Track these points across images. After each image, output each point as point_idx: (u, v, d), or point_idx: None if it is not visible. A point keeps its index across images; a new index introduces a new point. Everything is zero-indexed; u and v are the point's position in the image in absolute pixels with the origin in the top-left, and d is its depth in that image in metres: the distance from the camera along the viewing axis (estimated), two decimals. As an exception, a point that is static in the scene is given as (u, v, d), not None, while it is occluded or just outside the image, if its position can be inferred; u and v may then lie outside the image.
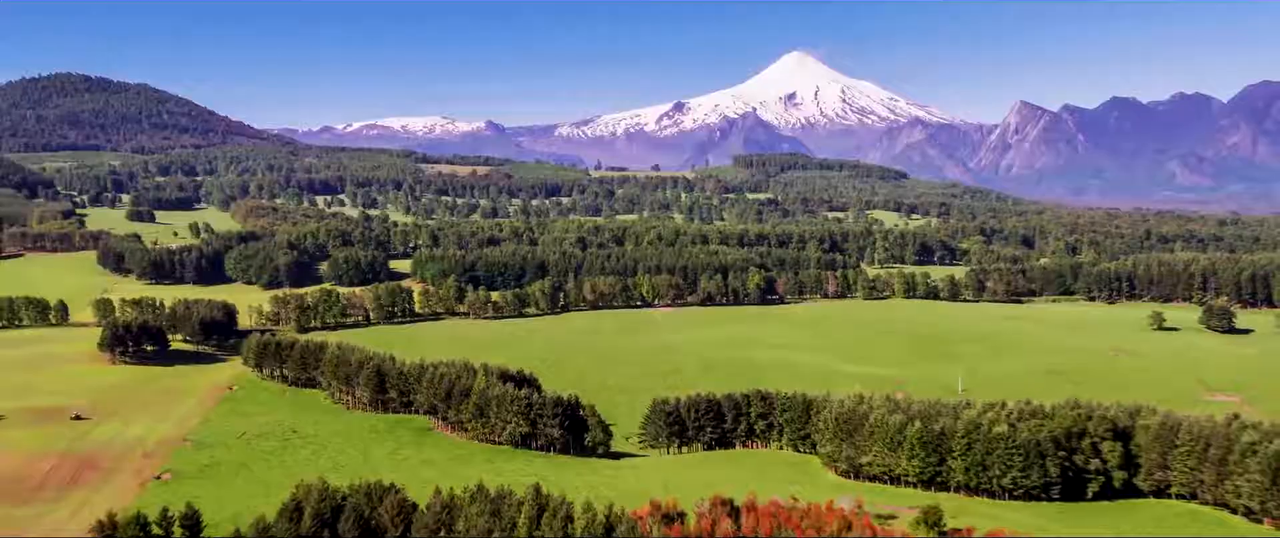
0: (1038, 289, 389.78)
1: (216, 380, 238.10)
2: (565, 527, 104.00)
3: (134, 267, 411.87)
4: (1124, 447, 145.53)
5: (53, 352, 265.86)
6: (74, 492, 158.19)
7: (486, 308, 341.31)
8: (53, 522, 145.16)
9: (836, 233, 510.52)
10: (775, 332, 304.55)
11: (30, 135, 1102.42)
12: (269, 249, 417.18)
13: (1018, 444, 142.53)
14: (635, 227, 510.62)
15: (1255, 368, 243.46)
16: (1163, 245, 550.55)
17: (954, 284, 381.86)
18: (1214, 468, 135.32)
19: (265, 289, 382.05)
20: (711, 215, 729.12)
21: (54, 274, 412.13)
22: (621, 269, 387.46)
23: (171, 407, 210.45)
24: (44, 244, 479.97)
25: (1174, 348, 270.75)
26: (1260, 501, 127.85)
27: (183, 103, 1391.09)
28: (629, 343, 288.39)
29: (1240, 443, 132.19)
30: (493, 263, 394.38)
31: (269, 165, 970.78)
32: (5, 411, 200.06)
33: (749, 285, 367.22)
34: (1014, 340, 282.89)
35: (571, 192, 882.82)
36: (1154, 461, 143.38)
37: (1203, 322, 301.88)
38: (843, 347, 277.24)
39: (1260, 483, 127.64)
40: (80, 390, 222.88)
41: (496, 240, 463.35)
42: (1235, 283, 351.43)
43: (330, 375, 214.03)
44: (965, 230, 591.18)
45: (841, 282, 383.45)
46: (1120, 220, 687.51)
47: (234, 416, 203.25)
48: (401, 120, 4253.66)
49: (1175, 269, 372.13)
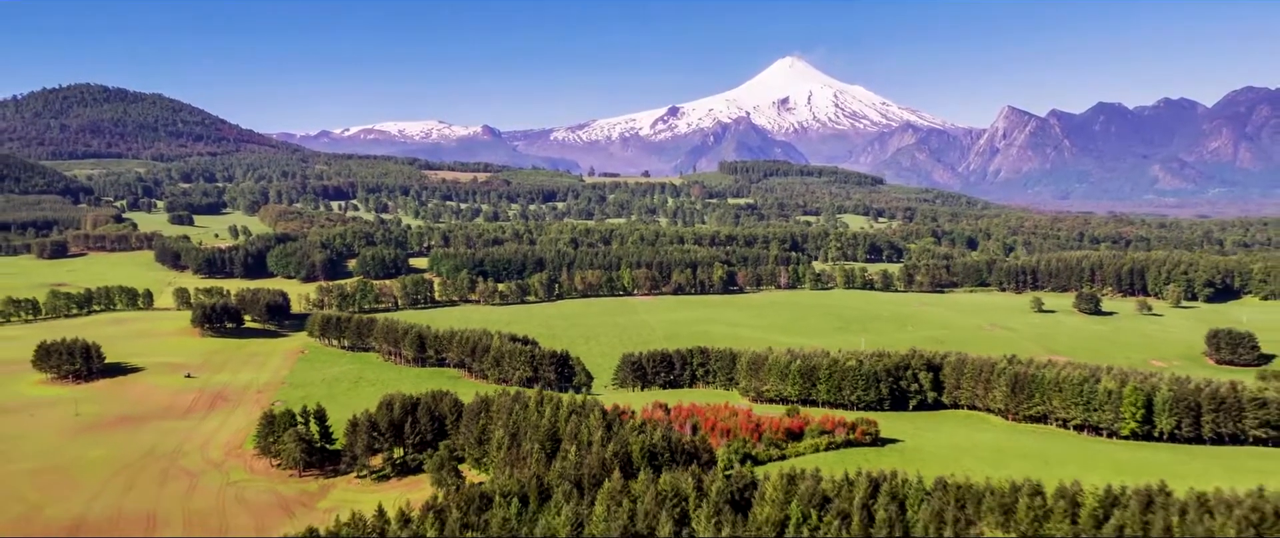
0: (959, 281, 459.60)
1: (289, 347, 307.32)
2: (554, 410, 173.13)
3: (189, 263, 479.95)
4: (935, 376, 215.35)
5: (153, 328, 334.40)
6: (215, 413, 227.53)
7: (494, 296, 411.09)
8: (209, 428, 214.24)
9: (798, 234, 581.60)
10: (730, 314, 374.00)
11: (56, 144, 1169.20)
12: (305, 248, 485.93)
13: (862, 373, 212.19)
14: (621, 229, 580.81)
15: (1093, 338, 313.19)
16: (1092, 245, 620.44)
17: (887, 277, 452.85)
18: (984, 387, 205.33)
19: (303, 282, 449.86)
20: (694, 219, 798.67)
21: (120, 269, 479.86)
22: (607, 264, 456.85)
23: (263, 364, 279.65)
24: (103, 244, 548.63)
25: (1040, 324, 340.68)
26: (1004, 404, 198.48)
27: (196, 112, 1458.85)
28: (610, 321, 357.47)
29: (996, 370, 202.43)
30: (498, 259, 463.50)
31: (283, 172, 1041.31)
32: (144, 365, 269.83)
33: (714, 278, 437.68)
34: (918, 319, 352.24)
35: (566, 197, 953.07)
36: (952, 384, 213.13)
37: (1075, 306, 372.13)
38: (781, 324, 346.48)
39: (1006, 392, 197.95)
40: (186, 354, 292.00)
41: (500, 241, 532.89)
42: (1116, 276, 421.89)
43: (381, 340, 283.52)
44: (918, 232, 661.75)
45: (792, 275, 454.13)
46: (1065, 223, 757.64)
47: (311, 369, 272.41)
48: (398, 125, 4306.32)
49: (1070, 264, 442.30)
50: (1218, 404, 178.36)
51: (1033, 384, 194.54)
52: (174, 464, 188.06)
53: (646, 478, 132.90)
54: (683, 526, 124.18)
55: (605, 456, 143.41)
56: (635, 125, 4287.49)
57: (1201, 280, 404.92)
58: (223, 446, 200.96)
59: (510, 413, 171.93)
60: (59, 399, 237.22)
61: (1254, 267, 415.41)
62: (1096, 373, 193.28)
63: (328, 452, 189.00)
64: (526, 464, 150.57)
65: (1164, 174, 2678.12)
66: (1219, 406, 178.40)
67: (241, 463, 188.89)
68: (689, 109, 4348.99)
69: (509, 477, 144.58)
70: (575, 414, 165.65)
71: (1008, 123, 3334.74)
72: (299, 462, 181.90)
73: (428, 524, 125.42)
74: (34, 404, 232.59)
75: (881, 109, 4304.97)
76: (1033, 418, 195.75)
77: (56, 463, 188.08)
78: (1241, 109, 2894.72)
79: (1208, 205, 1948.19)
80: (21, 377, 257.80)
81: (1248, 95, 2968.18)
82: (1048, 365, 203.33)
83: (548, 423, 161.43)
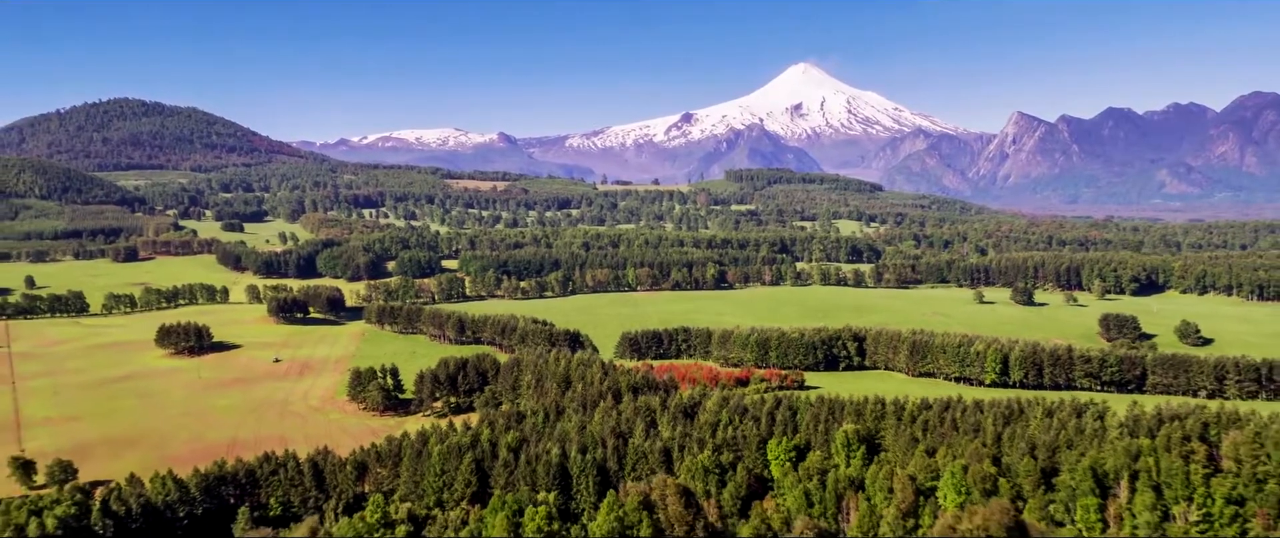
0: (922, 279, 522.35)
1: (351, 331, 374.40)
2: (567, 362, 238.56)
3: (249, 265, 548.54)
4: (860, 345, 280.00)
5: (235, 317, 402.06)
6: (306, 377, 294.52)
7: (517, 291, 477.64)
8: (304, 386, 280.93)
9: (787, 238, 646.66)
10: (718, 305, 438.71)
11: (101, 156, 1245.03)
12: (349, 251, 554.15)
13: (803, 343, 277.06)
14: (628, 234, 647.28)
15: (1012, 322, 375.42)
16: (1060, 247, 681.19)
17: (859, 275, 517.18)
18: (893, 352, 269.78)
19: (350, 281, 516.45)
20: (697, 224, 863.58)
21: (189, 271, 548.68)
22: (615, 264, 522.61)
23: (334, 343, 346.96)
24: (169, 249, 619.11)
25: (975, 312, 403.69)
26: (905, 364, 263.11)
27: (229, 124, 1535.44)
28: (615, 311, 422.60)
29: (901, 338, 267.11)
30: (519, 260, 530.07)
31: (315, 182, 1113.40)
32: (240, 343, 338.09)
33: (707, 276, 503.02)
34: (875, 309, 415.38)
35: (580, 204, 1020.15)
36: (872, 351, 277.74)
37: (1012, 298, 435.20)
38: (758, 313, 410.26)
39: (907, 355, 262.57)
40: (269, 336, 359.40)
41: (521, 244, 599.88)
42: (1056, 273, 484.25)
43: (428, 324, 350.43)
44: (901, 236, 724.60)
45: (775, 273, 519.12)
46: (1040, 226, 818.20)
47: (373, 346, 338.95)
48: (415, 132, 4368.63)
49: (1017, 264, 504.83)
50: (1055, 361, 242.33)
51: (925, 348, 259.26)
52: (286, 408, 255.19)
53: (629, 400, 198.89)
54: (652, 427, 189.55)
55: (602, 388, 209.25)
56: (649, 132, 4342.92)
57: (1128, 277, 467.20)
58: (319, 397, 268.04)
59: (536, 365, 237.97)
60: (181, 368, 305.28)
61: (1175, 265, 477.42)
62: (971, 339, 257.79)
63: (400, 400, 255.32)
64: (547, 395, 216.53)
65: (1170, 179, 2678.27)
66: (1056, 362, 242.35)
67: (336, 408, 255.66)
68: (703, 115, 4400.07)
69: (536, 403, 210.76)
70: (582, 365, 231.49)
71: (1017, 128, 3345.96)
72: (380, 406, 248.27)
73: (483, 427, 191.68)
74: (164, 372, 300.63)
75: (894, 115, 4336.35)
76: (925, 373, 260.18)
77: (197, 408, 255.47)
78: (1248, 114, 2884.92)
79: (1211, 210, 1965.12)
80: (146, 352, 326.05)
81: (1255, 100, 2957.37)
82: (937, 334, 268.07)
83: (562, 369, 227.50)
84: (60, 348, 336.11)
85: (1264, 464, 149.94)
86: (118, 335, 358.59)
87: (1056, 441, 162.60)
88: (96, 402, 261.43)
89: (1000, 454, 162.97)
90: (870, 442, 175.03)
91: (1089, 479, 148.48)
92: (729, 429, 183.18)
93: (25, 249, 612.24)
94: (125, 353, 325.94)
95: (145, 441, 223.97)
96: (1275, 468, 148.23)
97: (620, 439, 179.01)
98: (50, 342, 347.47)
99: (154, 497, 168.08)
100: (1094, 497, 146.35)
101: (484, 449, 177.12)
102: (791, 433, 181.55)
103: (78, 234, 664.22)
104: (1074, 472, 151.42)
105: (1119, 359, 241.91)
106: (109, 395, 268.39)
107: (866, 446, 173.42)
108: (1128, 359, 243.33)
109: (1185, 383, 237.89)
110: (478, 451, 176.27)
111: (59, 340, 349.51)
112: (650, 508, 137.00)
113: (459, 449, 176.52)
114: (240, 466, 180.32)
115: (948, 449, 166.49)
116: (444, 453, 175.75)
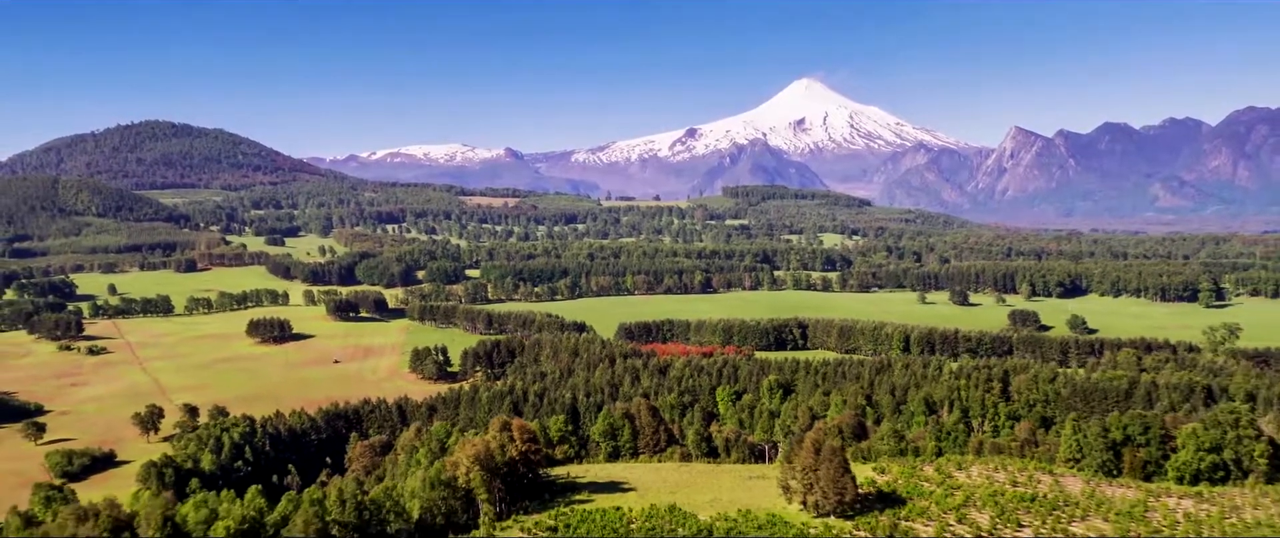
0: (882, 285, 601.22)
1: (398, 326, 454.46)
2: (576, 339, 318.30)
3: (297, 274, 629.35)
4: (804, 331, 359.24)
5: (299, 315, 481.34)
6: (370, 358, 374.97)
7: (531, 296, 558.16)
8: (370, 364, 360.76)
9: (770, 249, 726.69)
10: (702, 305, 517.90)
11: (137, 176, 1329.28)
12: (384, 262, 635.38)
13: (759, 330, 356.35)
14: (629, 246, 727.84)
15: (937, 317, 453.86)
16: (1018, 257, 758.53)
17: (826, 282, 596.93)
18: (826, 335, 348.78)
19: (386, 288, 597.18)
20: (693, 238, 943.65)
21: (244, 280, 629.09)
22: (616, 272, 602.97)
23: (386, 335, 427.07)
24: (222, 261, 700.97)
25: (917, 312, 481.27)
26: (836, 345, 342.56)
27: (253, 145, 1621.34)
28: (615, 309, 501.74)
29: (833, 325, 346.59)
30: (533, 269, 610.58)
31: (339, 200, 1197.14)
32: (313, 333, 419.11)
33: (695, 282, 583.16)
34: (832, 309, 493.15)
35: (585, 219, 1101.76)
36: (813, 335, 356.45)
37: (949, 299, 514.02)
38: (733, 311, 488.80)
39: (837, 337, 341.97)
40: (333, 330, 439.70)
41: (533, 256, 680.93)
42: (994, 279, 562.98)
43: (462, 319, 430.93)
44: (877, 248, 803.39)
45: (754, 280, 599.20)
46: (1005, 238, 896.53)
47: (418, 336, 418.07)
48: (423, 148, 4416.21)
49: (963, 271, 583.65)
50: (944, 339, 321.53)
51: (851, 332, 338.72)
52: (360, 378, 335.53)
53: (620, 362, 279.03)
54: (635, 381, 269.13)
55: (601, 355, 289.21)
56: (654, 147, 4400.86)
57: (1054, 281, 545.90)
58: (385, 371, 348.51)
59: (552, 342, 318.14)
60: (270, 353, 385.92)
61: (1095, 271, 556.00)
62: (884, 324, 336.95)
63: (449, 372, 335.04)
64: (561, 361, 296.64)
65: (1164, 192, 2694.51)
66: (945, 340, 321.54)
67: (400, 377, 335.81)
68: (706, 131, 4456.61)
69: (553, 367, 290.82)
70: (587, 341, 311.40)
71: (1015, 143, 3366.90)
72: (434, 376, 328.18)
73: (516, 379, 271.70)
74: (258, 355, 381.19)
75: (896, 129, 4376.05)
76: (851, 350, 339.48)
77: (294, 379, 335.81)
78: (1241, 128, 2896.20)
79: (1201, 222, 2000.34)
80: (238, 341, 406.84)
81: (1248, 114, 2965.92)
82: (860, 321, 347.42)
83: (572, 344, 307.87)
84: (167, 339, 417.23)
85: (1034, 394, 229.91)
86: (209, 330, 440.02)
87: (908, 383, 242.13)
88: (214, 375, 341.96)
89: (872, 393, 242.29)
90: (787, 388, 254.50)
91: (922, 406, 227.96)
92: (689, 380, 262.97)
93: (95, 262, 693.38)
94: (221, 342, 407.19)
95: (264, 399, 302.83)
96: (1040, 396, 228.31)
97: (613, 388, 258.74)
98: (157, 335, 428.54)
99: (295, 424, 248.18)
100: (924, 416, 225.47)
101: (518, 395, 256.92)
102: (733, 383, 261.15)
103: (138, 248, 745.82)
104: (913, 401, 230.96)
105: (992, 338, 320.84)
106: (222, 371, 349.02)
107: (784, 390, 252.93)
108: (1000, 338, 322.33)
109: (1040, 356, 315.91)
110: (514, 396, 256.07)
111: (164, 333, 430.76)
112: (630, 418, 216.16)
113: (500, 395, 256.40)
114: (349, 405, 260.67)
115: (838, 392, 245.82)
116: (490, 397, 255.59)
